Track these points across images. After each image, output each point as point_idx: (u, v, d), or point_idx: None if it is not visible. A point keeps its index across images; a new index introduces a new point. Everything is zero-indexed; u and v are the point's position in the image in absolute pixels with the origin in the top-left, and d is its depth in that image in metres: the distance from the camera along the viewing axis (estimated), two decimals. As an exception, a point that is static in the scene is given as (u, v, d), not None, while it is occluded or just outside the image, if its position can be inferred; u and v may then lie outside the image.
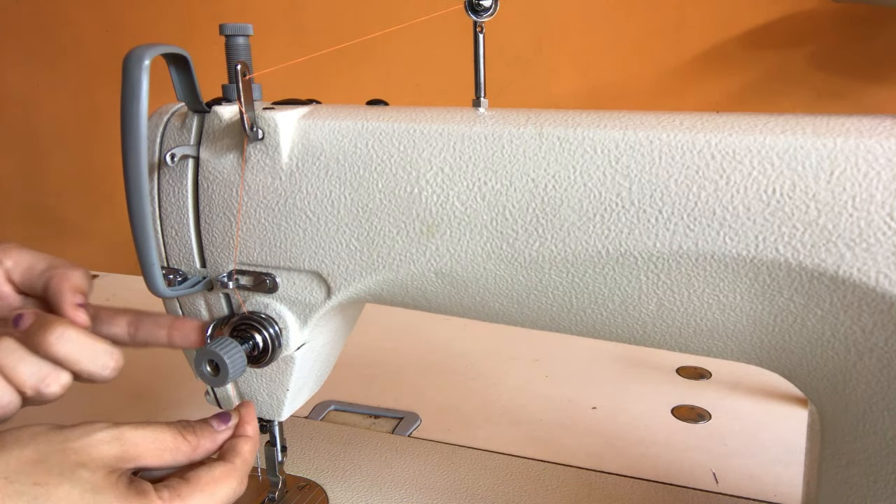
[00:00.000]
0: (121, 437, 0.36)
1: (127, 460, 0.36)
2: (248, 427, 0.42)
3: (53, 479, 0.32)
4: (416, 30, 0.98)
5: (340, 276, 0.42)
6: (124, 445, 0.36)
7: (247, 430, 0.42)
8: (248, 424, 0.42)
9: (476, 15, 0.39)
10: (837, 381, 0.34)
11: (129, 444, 0.36)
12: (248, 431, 0.42)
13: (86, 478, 0.33)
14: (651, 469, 0.59)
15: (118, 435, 0.36)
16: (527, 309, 0.39)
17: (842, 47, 0.86)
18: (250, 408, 0.43)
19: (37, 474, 0.32)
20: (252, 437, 0.42)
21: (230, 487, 0.38)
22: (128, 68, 0.35)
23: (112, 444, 0.35)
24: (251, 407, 0.43)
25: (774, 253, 0.32)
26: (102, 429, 0.36)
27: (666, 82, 0.94)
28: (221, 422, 0.41)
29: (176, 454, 0.38)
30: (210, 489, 0.37)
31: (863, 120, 0.32)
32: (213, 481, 0.37)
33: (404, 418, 0.68)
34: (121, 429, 0.36)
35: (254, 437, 0.42)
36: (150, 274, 0.40)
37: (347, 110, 0.42)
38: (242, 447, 0.40)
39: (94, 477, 0.33)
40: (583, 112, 0.37)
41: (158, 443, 0.37)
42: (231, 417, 0.41)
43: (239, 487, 0.39)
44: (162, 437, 0.37)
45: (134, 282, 1.15)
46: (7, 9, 1.27)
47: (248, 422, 0.42)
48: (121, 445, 0.36)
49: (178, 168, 0.43)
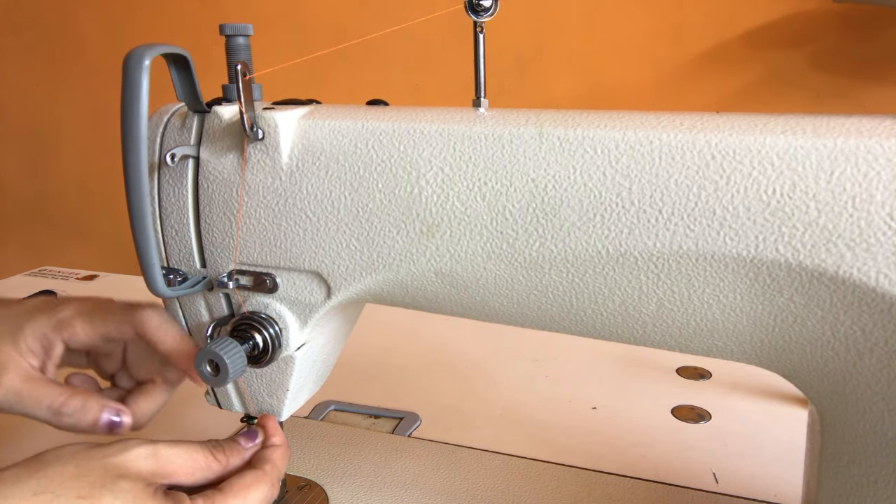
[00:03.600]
0: (156, 454, 0.38)
1: (162, 476, 0.38)
2: (275, 438, 0.44)
3: (96, 491, 0.34)
4: (416, 30, 0.98)
5: (340, 276, 0.42)
6: (160, 462, 0.38)
7: (273, 441, 0.44)
8: (274, 436, 0.44)
9: (476, 15, 0.39)
10: (837, 381, 0.34)
11: (163, 461, 0.38)
12: (276, 441, 0.44)
13: (126, 488, 0.35)
14: (651, 469, 0.59)
15: (154, 452, 0.38)
16: (527, 309, 0.39)
17: (842, 47, 0.85)
18: (271, 420, 0.45)
19: (80, 488, 0.34)
20: (279, 445, 0.44)
21: (262, 492, 0.40)
22: (128, 68, 0.35)
23: (148, 460, 0.37)
24: (272, 419, 0.46)
25: (774, 253, 0.32)
26: (139, 445, 0.38)
27: (666, 82, 0.94)
28: (249, 439, 0.43)
29: (207, 472, 0.40)
30: (242, 494, 0.39)
31: (863, 120, 0.32)
32: (244, 488, 0.39)
33: (404, 418, 0.68)
34: (156, 446, 0.38)
35: (281, 445, 0.44)
36: (150, 274, 0.40)
37: (347, 110, 0.42)
38: (271, 455, 0.42)
39: (135, 488, 0.35)
40: (583, 112, 0.37)
41: (192, 461, 0.39)
42: (258, 435, 0.44)
43: (271, 492, 0.41)
44: (195, 455, 0.39)
45: (134, 282, 1.15)
46: (7, 9, 1.27)
47: (273, 433, 0.44)
48: (156, 461, 0.37)
49: (178, 168, 0.43)
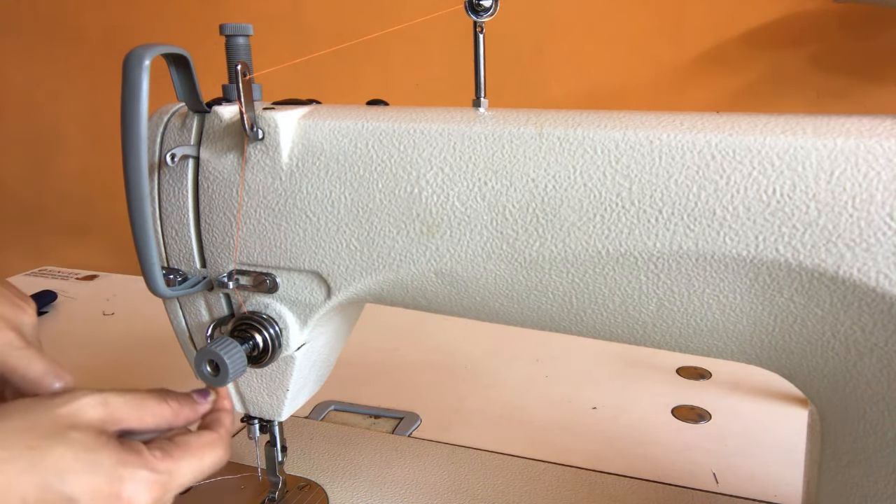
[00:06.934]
0: (106, 402, 0.37)
1: (112, 423, 0.37)
2: (226, 401, 0.44)
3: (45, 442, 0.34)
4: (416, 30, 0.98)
5: (340, 276, 0.42)
6: (109, 409, 0.37)
7: (224, 403, 0.44)
8: (225, 399, 0.44)
9: (476, 15, 0.39)
10: (837, 381, 0.34)
11: (113, 408, 0.37)
12: (227, 405, 0.44)
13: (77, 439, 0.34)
14: (651, 469, 0.59)
15: (103, 400, 0.37)
16: (527, 309, 0.39)
17: (842, 47, 0.85)
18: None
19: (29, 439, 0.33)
20: (230, 409, 0.44)
21: (216, 455, 0.40)
22: (128, 68, 0.35)
23: (97, 409, 0.36)
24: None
25: (774, 253, 0.32)
26: (87, 394, 0.37)
27: (666, 82, 0.94)
28: (202, 396, 0.43)
29: (158, 419, 0.39)
30: (199, 454, 0.39)
31: (863, 120, 0.32)
32: (202, 447, 0.39)
33: (404, 418, 0.68)
34: (105, 394, 0.37)
35: (231, 410, 0.44)
36: (150, 274, 0.40)
37: (347, 110, 0.42)
38: (225, 419, 0.43)
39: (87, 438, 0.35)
40: (583, 112, 0.37)
41: (142, 407, 0.38)
42: (210, 393, 0.44)
43: (224, 455, 0.41)
44: (146, 401, 0.39)
45: (134, 282, 1.15)
46: (8, 9, 1.27)
47: (225, 396, 0.45)
48: (106, 409, 0.37)
49: (178, 168, 0.43)
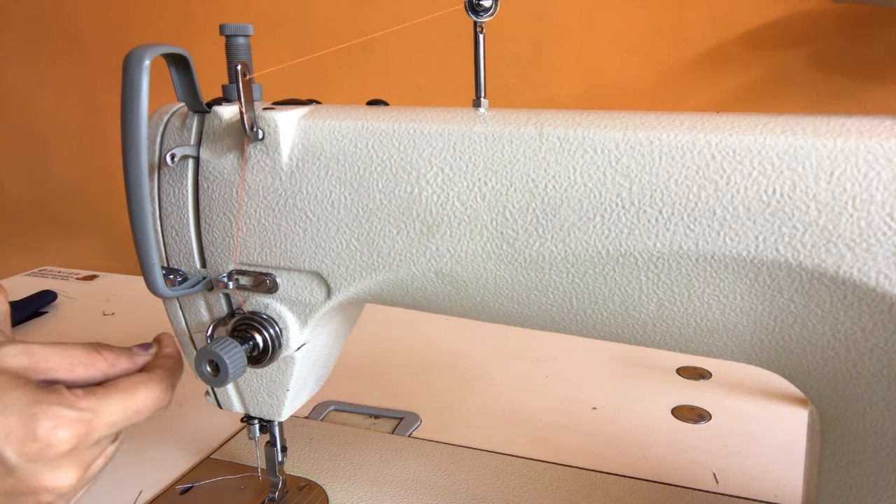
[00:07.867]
0: (29, 351, 0.36)
1: (37, 372, 0.36)
2: (167, 349, 0.42)
3: None
4: (416, 30, 0.98)
5: (340, 276, 0.42)
6: (33, 358, 0.36)
7: (168, 350, 0.42)
8: (167, 347, 0.42)
9: (476, 15, 0.39)
10: (837, 381, 0.34)
11: (38, 357, 0.36)
12: (171, 352, 0.42)
13: None
14: (651, 469, 0.59)
15: (26, 350, 0.36)
16: (527, 309, 0.39)
17: (842, 47, 0.85)
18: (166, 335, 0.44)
19: None
20: (175, 356, 0.42)
21: (152, 392, 0.38)
22: (128, 68, 0.35)
23: (20, 357, 0.36)
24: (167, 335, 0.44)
25: (774, 253, 0.32)
26: (9, 344, 0.36)
27: (666, 82, 0.94)
28: (142, 348, 0.41)
29: (90, 369, 0.38)
30: (130, 391, 0.37)
31: (863, 120, 0.32)
32: (132, 384, 0.37)
33: (404, 418, 0.68)
34: (29, 345, 0.36)
35: (174, 355, 0.42)
36: (150, 274, 0.40)
37: (347, 110, 0.42)
38: (164, 363, 0.41)
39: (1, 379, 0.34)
40: (583, 112, 0.37)
41: (70, 357, 0.37)
42: (151, 346, 0.42)
43: (162, 395, 0.39)
44: (74, 352, 0.37)
45: (134, 282, 1.15)
46: (7, 8, 1.27)
47: (167, 345, 0.42)
48: (29, 358, 0.36)
49: (178, 168, 0.43)
